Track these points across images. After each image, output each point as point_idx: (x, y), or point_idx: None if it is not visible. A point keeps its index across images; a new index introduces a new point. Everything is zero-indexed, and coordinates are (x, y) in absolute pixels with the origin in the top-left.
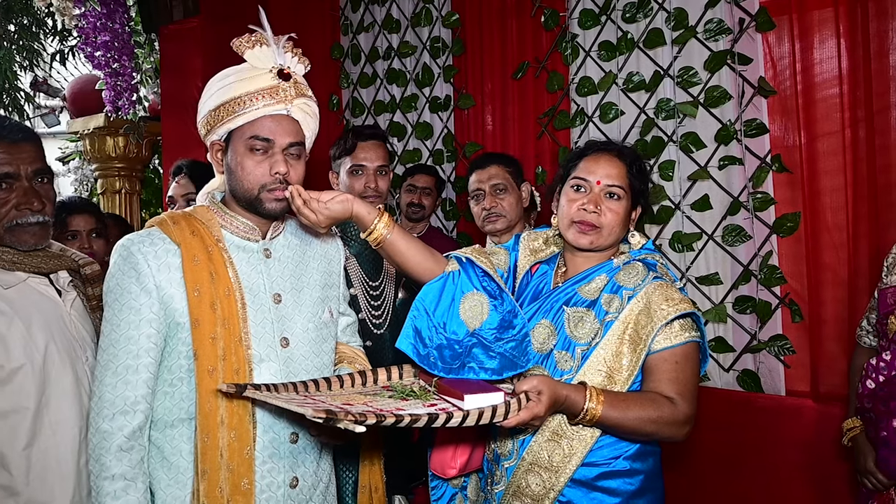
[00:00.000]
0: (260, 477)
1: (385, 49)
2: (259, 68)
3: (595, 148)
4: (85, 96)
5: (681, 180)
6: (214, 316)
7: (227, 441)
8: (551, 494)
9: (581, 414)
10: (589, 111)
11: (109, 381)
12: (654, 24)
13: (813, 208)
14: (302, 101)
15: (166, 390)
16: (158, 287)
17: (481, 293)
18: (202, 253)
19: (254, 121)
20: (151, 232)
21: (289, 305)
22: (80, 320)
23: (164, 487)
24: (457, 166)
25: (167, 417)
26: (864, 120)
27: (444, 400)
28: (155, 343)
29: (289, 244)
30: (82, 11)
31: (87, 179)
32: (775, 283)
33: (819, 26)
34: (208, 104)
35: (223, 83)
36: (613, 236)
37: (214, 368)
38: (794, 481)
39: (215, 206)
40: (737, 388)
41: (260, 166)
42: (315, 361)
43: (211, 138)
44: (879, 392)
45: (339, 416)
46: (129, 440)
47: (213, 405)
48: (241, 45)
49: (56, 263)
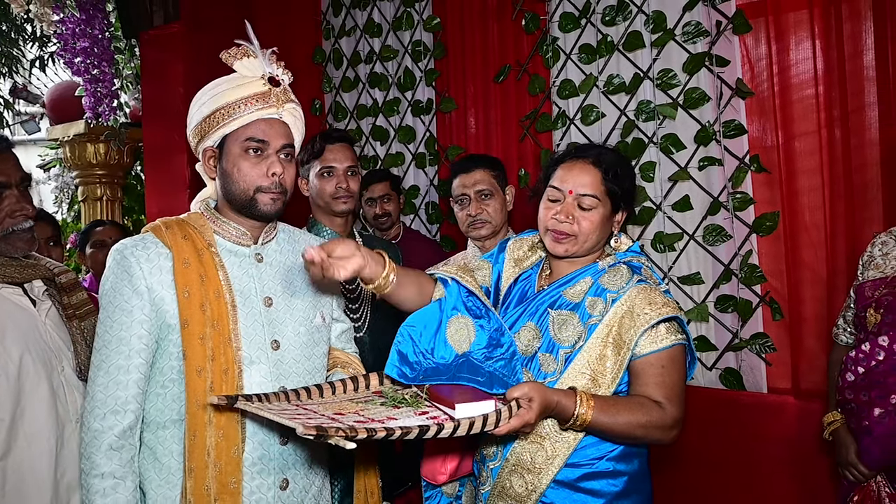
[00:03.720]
0: (249, 478)
1: (367, 53)
2: (249, 76)
3: (570, 155)
4: (64, 103)
5: (661, 181)
6: (204, 317)
7: (214, 440)
8: (533, 496)
9: (572, 419)
10: (570, 114)
11: (101, 380)
12: (634, 27)
13: (791, 208)
14: (291, 105)
15: (158, 392)
16: (150, 289)
17: (465, 316)
18: (193, 256)
19: (248, 124)
20: (145, 237)
21: (280, 309)
22: (55, 330)
23: (155, 487)
24: (440, 169)
25: (159, 418)
26: (839, 120)
27: (436, 407)
28: (146, 344)
29: (281, 249)
30: (61, 17)
31: (67, 187)
32: (756, 281)
33: (795, 28)
34: (201, 112)
35: (215, 91)
36: (590, 243)
37: (202, 368)
38: (777, 477)
39: (209, 212)
40: (720, 386)
41: (255, 168)
42: (306, 365)
43: (204, 145)
44: (860, 383)
45: (330, 432)
46: (120, 439)
47: (202, 404)
48: (230, 57)
49: (30, 273)
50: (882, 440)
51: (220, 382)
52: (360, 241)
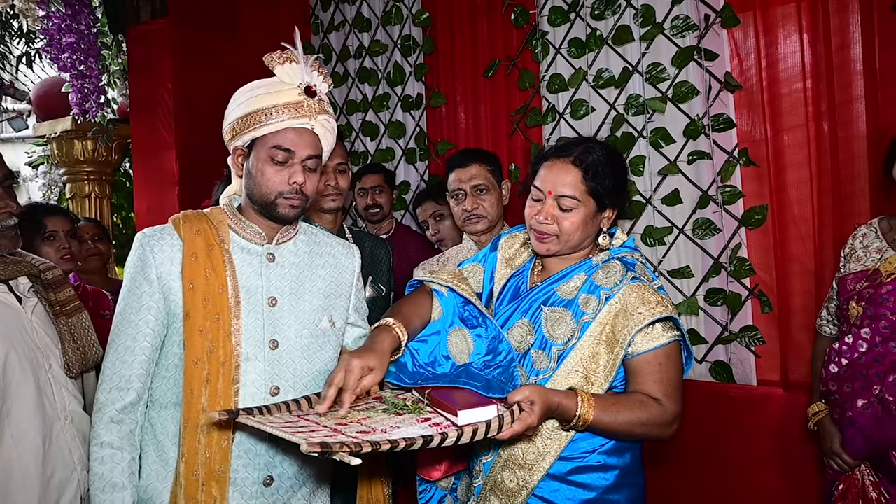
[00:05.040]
0: (234, 470)
1: (356, 48)
2: (287, 83)
3: (551, 154)
4: (51, 99)
5: (651, 175)
6: (205, 310)
7: (206, 429)
8: (524, 492)
9: (574, 420)
10: (560, 108)
11: (111, 358)
12: (623, 21)
13: (780, 201)
14: (324, 117)
15: (164, 374)
16: (160, 278)
17: (462, 328)
18: (203, 251)
19: (278, 131)
20: (164, 227)
21: (284, 310)
22: (42, 327)
23: (151, 463)
24: (430, 165)
25: (162, 399)
26: (827, 113)
27: (438, 413)
28: (152, 329)
29: (297, 251)
30: (46, 13)
31: (55, 184)
32: (745, 274)
33: (783, 22)
34: (236, 112)
35: (252, 94)
36: (573, 242)
37: (199, 360)
38: (765, 467)
39: (230, 208)
40: (710, 379)
41: (279, 174)
42: (306, 367)
43: (235, 143)
44: (843, 374)
45: (335, 448)
46: (120, 413)
47: (197, 393)
48: (273, 60)
49: (15, 270)
50: (865, 431)
51: (217, 374)
52: (351, 237)
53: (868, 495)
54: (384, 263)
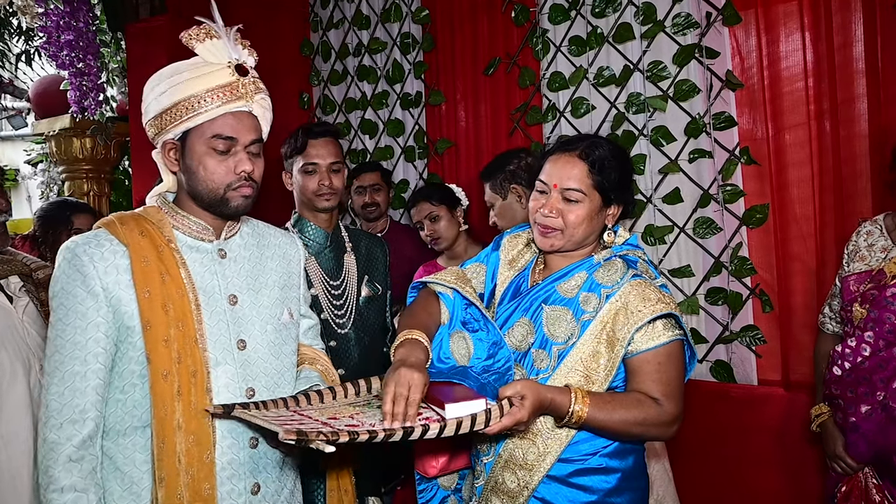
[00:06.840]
0: (220, 483)
1: (355, 45)
2: (214, 63)
3: (557, 148)
4: (49, 97)
5: (652, 174)
6: (167, 317)
7: (185, 446)
8: (525, 493)
9: (567, 416)
10: (560, 106)
11: (56, 389)
12: (624, 19)
13: (781, 200)
14: (260, 96)
15: (118, 397)
16: (106, 290)
17: (462, 331)
18: (152, 253)
19: (214, 119)
20: (98, 233)
21: (245, 307)
22: (33, 327)
23: (118, 499)
24: (429, 163)
25: (119, 426)
26: (828, 111)
27: (430, 408)
28: (104, 348)
29: (245, 244)
30: (45, 10)
31: (53, 182)
32: (746, 274)
33: (784, 19)
34: (160, 102)
35: (175, 80)
36: (578, 237)
37: (169, 372)
38: (767, 468)
39: (167, 206)
40: (710, 378)
41: (222, 165)
42: (275, 364)
43: (164, 138)
44: (846, 378)
45: (311, 436)
46: (79, 450)
47: (170, 409)
48: (191, 38)
49: (5, 269)
50: (869, 436)
51: (189, 385)
52: (347, 235)
53: (871, 498)
54: (381, 262)
